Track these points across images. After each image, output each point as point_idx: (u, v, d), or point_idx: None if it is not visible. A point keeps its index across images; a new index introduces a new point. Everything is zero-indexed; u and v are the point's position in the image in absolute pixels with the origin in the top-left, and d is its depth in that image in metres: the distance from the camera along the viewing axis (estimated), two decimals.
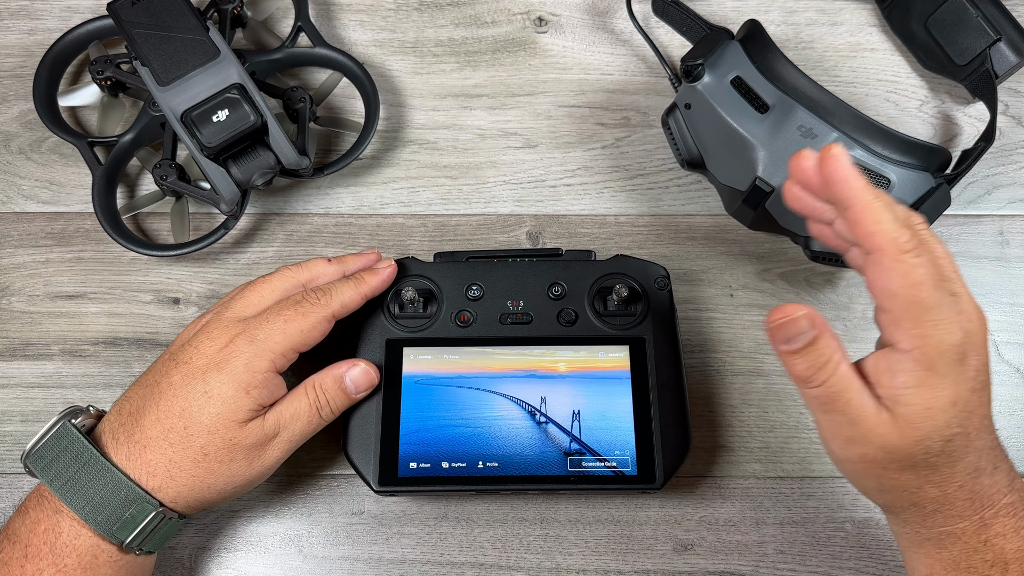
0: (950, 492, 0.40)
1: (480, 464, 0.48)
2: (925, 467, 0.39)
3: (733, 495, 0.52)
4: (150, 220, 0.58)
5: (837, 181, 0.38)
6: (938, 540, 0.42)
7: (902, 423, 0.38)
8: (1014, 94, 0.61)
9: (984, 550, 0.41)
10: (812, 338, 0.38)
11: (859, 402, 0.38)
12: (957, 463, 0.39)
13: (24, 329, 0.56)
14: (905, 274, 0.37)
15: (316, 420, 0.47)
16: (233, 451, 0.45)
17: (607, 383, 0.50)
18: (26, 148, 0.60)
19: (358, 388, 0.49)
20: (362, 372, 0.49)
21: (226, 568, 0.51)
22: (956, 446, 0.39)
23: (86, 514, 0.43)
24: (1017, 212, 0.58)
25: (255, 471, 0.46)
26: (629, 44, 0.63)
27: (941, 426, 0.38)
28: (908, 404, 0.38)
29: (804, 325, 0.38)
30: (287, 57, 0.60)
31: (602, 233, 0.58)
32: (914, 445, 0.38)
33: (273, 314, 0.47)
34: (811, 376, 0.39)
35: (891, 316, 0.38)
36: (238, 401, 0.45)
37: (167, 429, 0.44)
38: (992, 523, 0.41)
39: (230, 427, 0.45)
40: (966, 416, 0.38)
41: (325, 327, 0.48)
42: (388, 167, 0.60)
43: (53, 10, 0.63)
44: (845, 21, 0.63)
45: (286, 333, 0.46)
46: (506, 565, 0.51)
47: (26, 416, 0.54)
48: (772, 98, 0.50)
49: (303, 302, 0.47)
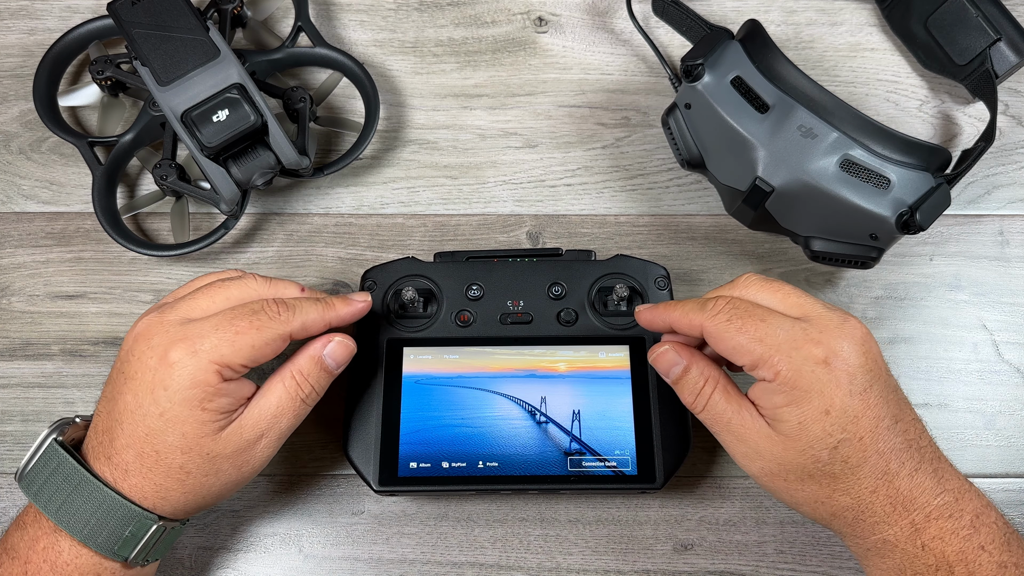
0: (864, 498, 0.41)
1: (480, 464, 0.48)
2: (824, 476, 0.41)
3: (733, 495, 0.52)
4: (150, 220, 0.58)
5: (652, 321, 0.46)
6: (877, 550, 0.42)
7: (783, 437, 0.41)
8: (1014, 94, 0.61)
9: (924, 555, 0.41)
10: (684, 368, 0.44)
11: (741, 421, 0.42)
12: (859, 468, 0.41)
13: (24, 329, 0.56)
14: (732, 333, 0.42)
15: (302, 409, 0.45)
16: (216, 463, 0.43)
17: (607, 383, 0.50)
18: (26, 148, 0.60)
19: (339, 363, 0.46)
20: (339, 345, 0.45)
21: (226, 568, 0.51)
22: (848, 452, 0.40)
23: (84, 537, 0.41)
24: (1017, 212, 0.58)
25: (245, 474, 0.44)
26: (629, 44, 0.63)
27: (820, 435, 0.40)
28: (783, 421, 0.41)
29: (673, 357, 0.44)
30: (287, 57, 0.60)
31: (602, 233, 0.58)
32: (800, 456, 0.41)
33: (224, 322, 0.42)
34: (693, 402, 0.44)
35: (747, 366, 0.42)
36: (196, 418, 0.41)
37: (139, 455, 0.42)
38: (925, 527, 0.41)
39: (203, 443, 0.42)
40: (848, 421, 0.40)
41: (279, 345, 0.44)
42: (388, 167, 0.60)
43: (53, 10, 0.63)
44: (845, 21, 0.63)
45: (235, 346, 0.42)
46: (506, 565, 0.51)
47: (26, 416, 0.54)
48: (772, 98, 0.50)
49: (260, 313, 0.43)
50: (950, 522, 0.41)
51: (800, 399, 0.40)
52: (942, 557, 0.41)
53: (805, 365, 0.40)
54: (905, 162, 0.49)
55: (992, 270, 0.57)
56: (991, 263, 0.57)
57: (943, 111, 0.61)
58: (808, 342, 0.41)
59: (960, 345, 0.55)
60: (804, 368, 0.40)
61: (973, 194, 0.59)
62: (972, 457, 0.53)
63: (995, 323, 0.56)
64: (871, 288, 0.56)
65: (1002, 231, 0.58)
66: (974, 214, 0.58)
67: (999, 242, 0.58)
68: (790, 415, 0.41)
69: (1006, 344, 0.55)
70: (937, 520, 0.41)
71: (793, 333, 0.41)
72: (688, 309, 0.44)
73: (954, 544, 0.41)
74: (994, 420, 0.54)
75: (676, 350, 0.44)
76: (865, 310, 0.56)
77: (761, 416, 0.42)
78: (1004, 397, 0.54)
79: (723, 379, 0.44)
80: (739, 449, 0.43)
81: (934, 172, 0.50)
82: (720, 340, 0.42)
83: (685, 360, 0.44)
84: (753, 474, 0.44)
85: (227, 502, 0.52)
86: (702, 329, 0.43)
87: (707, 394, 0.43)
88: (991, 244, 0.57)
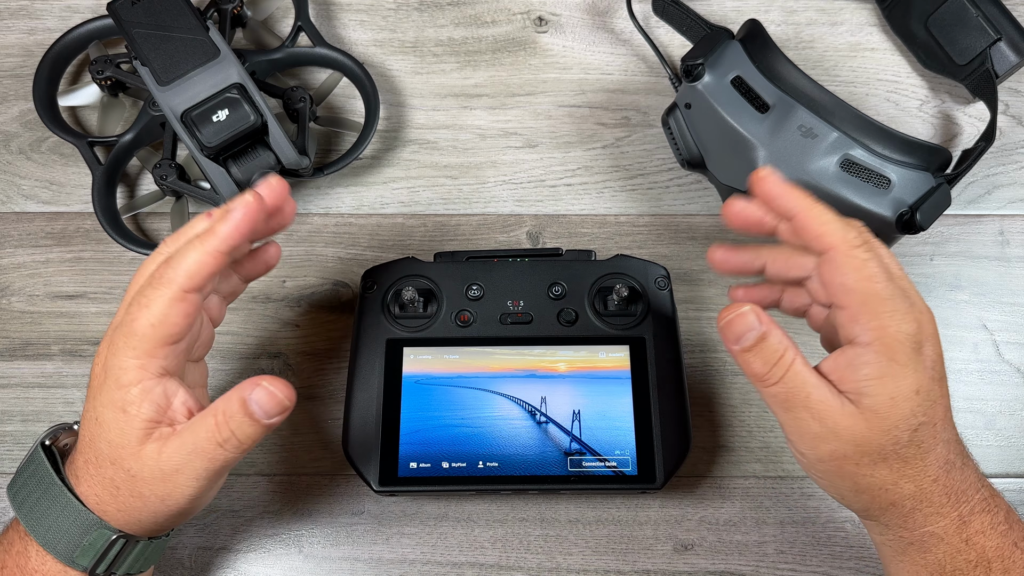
0: (925, 487, 0.40)
1: (480, 464, 0.48)
2: (897, 460, 0.39)
3: (733, 495, 0.52)
4: (150, 220, 0.58)
5: (775, 196, 0.40)
6: (921, 544, 0.42)
7: (868, 414, 0.38)
8: (1014, 94, 0.61)
9: (967, 550, 0.41)
10: (761, 334, 0.39)
11: (820, 396, 0.39)
12: (927, 454, 0.40)
13: (24, 329, 0.56)
14: (859, 268, 0.38)
15: (219, 454, 0.39)
16: (137, 485, 0.39)
17: (607, 383, 0.50)
18: (26, 148, 0.60)
19: (267, 413, 0.38)
20: (265, 392, 0.38)
21: (226, 568, 0.51)
22: (924, 436, 0.39)
23: (45, 542, 0.40)
24: (1017, 212, 0.58)
25: (172, 508, 0.40)
26: (629, 44, 0.63)
27: (907, 415, 0.38)
28: (873, 395, 0.38)
29: (752, 320, 0.39)
30: (287, 57, 0.60)
31: (602, 233, 0.58)
32: (883, 435, 0.38)
33: (123, 313, 0.40)
34: (767, 373, 0.39)
35: (848, 312, 0.38)
36: (119, 424, 0.39)
37: (86, 461, 0.40)
38: (970, 520, 0.41)
39: (124, 456, 0.39)
40: (930, 405, 0.39)
41: (183, 307, 0.38)
42: (388, 167, 0.60)
43: (53, 10, 0.63)
44: (845, 21, 0.63)
45: (137, 333, 0.38)
46: (506, 565, 0.51)
47: (26, 416, 0.54)
48: (772, 98, 0.50)
49: (145, 288, 0.39)
50: (989, 516, 0.41)
51: (896, 373, 0.38)
52: (982, 553, 0.41)
53: (905, 339, 0.38)
54: (905, 162, 0.49)
55: (992, 270, 0.57)
56: (991, 263, 0.57)
57: (943, 111, 0.61)
58: (911, 318, 0.38)
59: (960, 345, 0.55)
60: (904, 341, 0.38)
61: (973, 194, 0.59)
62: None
63: (995, 323, 0.56)
64: None
65: (1002, 231, 0.58)
66: (974, 214, 0.58)
67: (999, 242, 0.58)
68: (882, 389, 0.38)
69: (1006, 344, 0.55)
70: (980, 515, 0.41)
71: (904, 304, 0.38)
72: (828, 220, 0.39)
73: (993, 539, 0.41)
74: (994, 420, 0.54)
75: (756, 312, 0.39)
76: None
77: (839, 393, 0.39)
78: (1004, 397, 0.54)
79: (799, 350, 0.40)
80: (811, 429, 0.39)
81: (934, 172, 0.50)
82: (841, 271, 0.38)
83: (764, 325, 0.39)
84: (819, 458, 0.40)
85: (227, 502, 0.52)
86: (829, 249, 0.39)
87: (787, 363, 0.39)
88: (991, 244, 0.57)
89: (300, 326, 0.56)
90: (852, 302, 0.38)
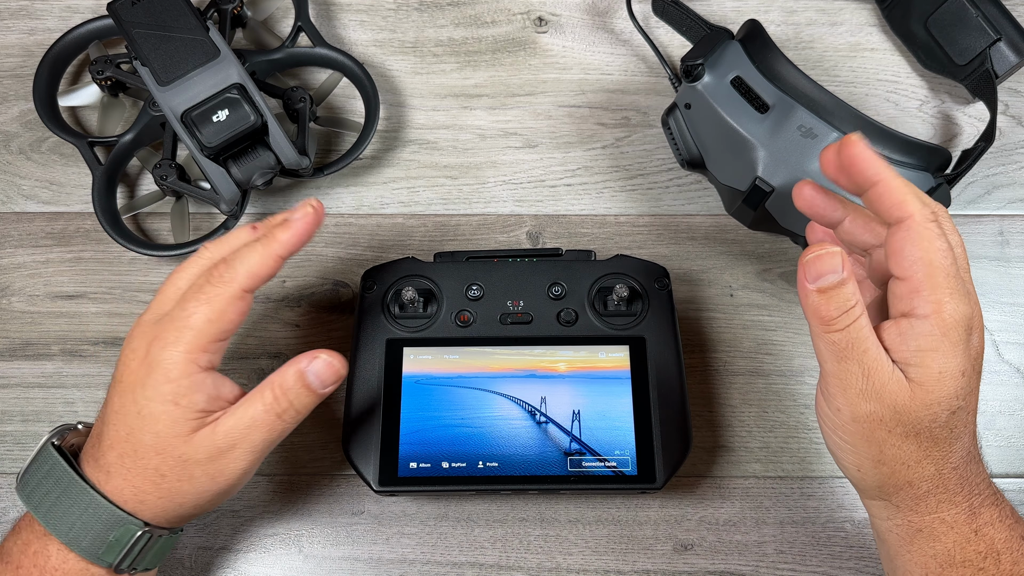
0: (945, 472, 0.41)
1: (480, 464, 0.48)
2: (928, 438, 0.40)
3: (733, 495, 0.52)
4: (150, 220, 0.58)
5: (863, 160, 0.39)
6: (931, 531, 0.42)
7: (914, 385, 0.39)
8: (1014, 94, 0.61)
9: (976, 540, 0.41)
10: (842, 280, 0.39)
11: (876, 354, 0.39)
12: (956, 441, 0.40)
13: (24, 329, 0.56)
14: (931, 240, 0.38)
15: (277, 426, 0.42)
16: (188, 467, 0.41)
17: (607, 383, 0.50)
18: (26, 148, 0.60)
19: (323, 383, 0.43)
20: (324, 364, 0.42)
21: (226, 568, 0.51)
22: (959, 421, 0.40)
23: (69, 540, 0.41)
24: (1017, 212, 0.58)
25: (221, 485, 0.42)
26: (629, 44, 0.63)
27: (951, 394, 0.39)
28: (922, 367, 0.38)
29: (838, 263, 0.39)
30: (287, 57, 0.60)
31: (602, 233, 0.58)
32: (923, 409, 0.39)
33: (178, 308, 0.41)
34: (836, 318, 0.39)
35: (910, 284, 0.39)
36: (170, 415, 0.41)
37: (120, 455, 0.41)
38: (980, 511, 0.41)
39: (175, 444, 0.41)
40: (970, 391, 0.40)
41: (240, 305, 0.41)
42: (388, 167, 0.60)
43: (53, 10, 0.63)
44: (845, 21, 0.63)
45: (193, 328, 0.41)
46: (506, 565, 0.51)
47: (26, 416, 0.54)
48: (772, 98, 0.50)
49: (205, 286, 0.41)
50: (997, 510, 0.42)
51: (947, 351, 0.38)
52: (991, 544, 0.41)
53: (961, 319, 0.38)
54: (905, 162, 0.49)
55: (992, 270, 0.57)
56: (991, 263, 0.57)
57: (943, 111, 0.61)
58: (968, 303, 0.39)
59: None
60: (959, 323, 0.38)
61: (973, 194, 0.59)
62: None
63: (995, 323, 0.56)
64: None
65: (1002, 231, 0.58)
66: (974, 214, 0.58)
67: (999, 242, 0.58)
68: (933, 362, 0.38)
69: (1006, 344, 0.55)
70: (990, 507, 0.42)
71: (962, 288, 0.39)
72: (907, 190, 0.39)
73: (1002, 532, 0.41)
74: (994, 420, 0.54)
75: (843, 258, 0.39)
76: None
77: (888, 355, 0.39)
78: (1004, 397, 0.54)
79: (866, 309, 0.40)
80: (857, 384, 0.39)
81: (934, 172, 0.50)
82: (913, 241, 0.38)
83: (847, 272, 0.39)
84: (854, 416, 0.40)
85: (227, 502, 0.52)
86: (906, 218, 0.39)
87: (856, 314, 0.39)
88: (991, 244, 0.57)
89: (300, 326, 0.56)
90: (917, 273, 0.38)
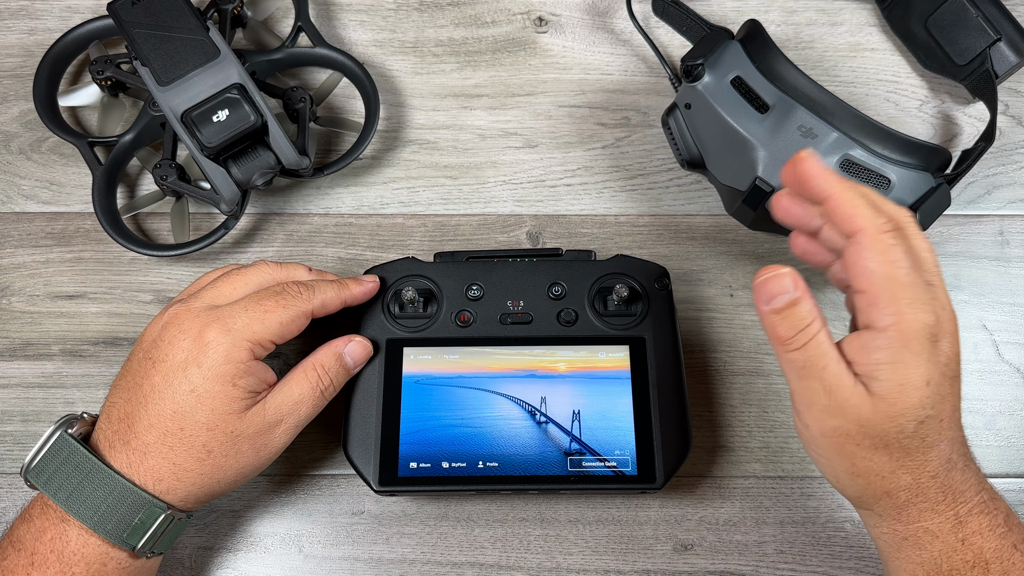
0: (923, 482, 0.40)
1: (480, 464, 0.48)
2: (898, 449, 0.40)
3: (733, 495, 0.52)
4: (150, 220, 0.58)
5: (811, 177, 0.40)
6: (916, 540, 0.42)
7: (876, 398, 0.39)
8: (1014, 94, 0.61)
9: (963, 550, 0.41)
10: (794, 299, 0.39)
11: (836, 371, 0.39)
12: (931, 449, 0.40)
13: (24, 329, 0.56)
14: (883, 252, 0.38)
15: (320, 402, 0.47)
16: (237, 443, 0.44)
17: (607, 383, 0.50)
18: (26, 148, 0.60)
19: (357, 362, 0.49)
20: (359, 345, 0.49)
21: (226, 568, 0.51)
22: (929, 430, 0.39)
23: (94, 523, 0.42)
24: (1017, 212, 0.58)
25: (263, 458, 0.46)
26: (629, 44, 0.63)
27: (915, 405, 0.38)
28: (882, 379, 0.38)
29: (788, 283, 0.39)
30: (287, 57, 0.60)
31: (602, 233, 0.58)
32: (888, 421, 0.39)
33: (252, 303, 0.46)
34: (792, 338, 0.39)
35: (867, 296, 0.39)
36: (227, 394, 0.44)
37: (163, 433, 0.43)
38: (967, 520, 0.41)
39: (228, 420, 0.44)
40: (939, 399, 0.39)
41: (303, 322, 0.47)
42: (388, 167, 0.60)
43: (53, 10, 0.63)
44: (845, 21, 0.63)
45: (265, 323, 0.45)
46: (506, 565, 0.51)
47: (26, 416, 0.54)
48: (772, 98, 0.50)
49: (284, 293, 0.46)
50: (987, 519, 0.41)
51: (908, 362, 0.38)
52: (980, 554, 0.41)
53: (922, 328, 0.38)
54: (905, 162, 0.49)
55: (992, 270, 0.57)
56: (991, 263, 0.57)
57: (943, 111, 0.61)
58: (930, 311, 0.39)
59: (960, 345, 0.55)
60: (920, 332, 0.38)
61: (973, 194, 0.59)
62: None
63: (995, 323, 0.56)
64: None
65: (1002, 231, 0.58)
66: (974, 214, 0.58)
67: (999, 242, 0.58)
68: (892, 375, 0.38)
69: (1006, 344, 0.55)
70: (978, 516, 0.41)
71: (928, 296, 0.39)
72: (860, 204, 0.39)
73: (992, 541, 0.41)
74: (994, 420, 0.54)
75: (793, 276, 0.39)
76: None
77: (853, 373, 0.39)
78: (1004, 397, 0.54)
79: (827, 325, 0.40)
80: (820, 400, 0.40)
81: (934, 172, 0.50)
82: (867, 255, 0.39)
83: (800, 290, 0.39)
84: (822, 432, 0.40)
85: (227, 502, 0.52)
86: (857, 232, 0.39)
87: (813, 332, 0.39)
88: (991, 244, 0.57)
89: None
90: (872, 286, 0.39)
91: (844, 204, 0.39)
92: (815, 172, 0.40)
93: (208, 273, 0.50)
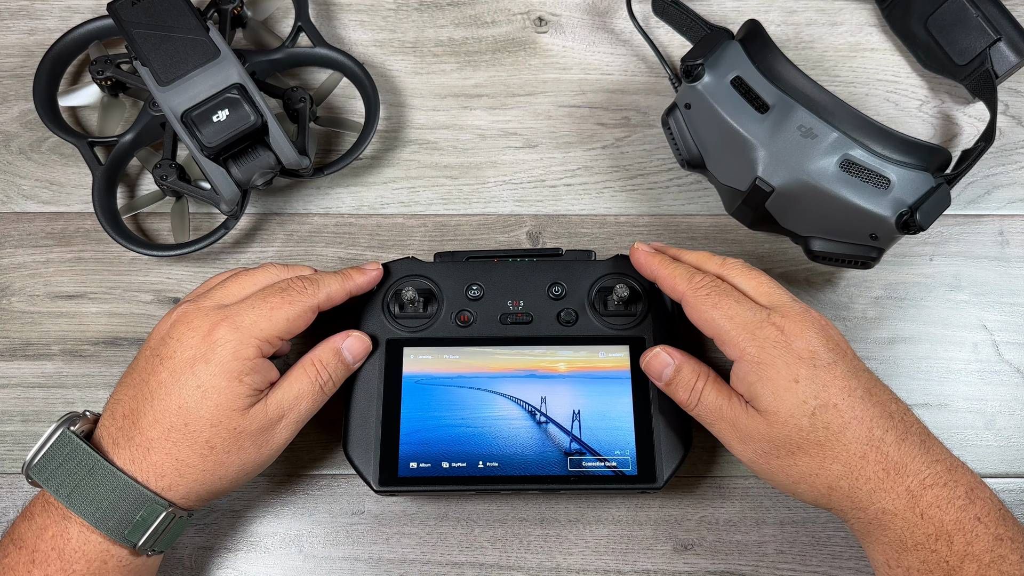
0: (854, 464, 0.43)
1: (480, 464, 0.48)
2: (811, 445, 0.43)
3: (733, 495, 0.52)
4: (150, 220, 0.58)
5: (641, 265, 0.50)
6: (879, 522, 0.43)
7: (765, 413, 0.44)
8: (1014, 94, 0.61)
9: (923, 524, 0.42)
10: (676, 368, 0.47)
11: (730, 408, 0.45)
12: (841, 433, 0.43)
13: (24, 329, 0.56)
14: (707, 309, 0.46)
15: (320, 397, 0.48)
16: (240, 439, 0.45)
17: (607, 383, 0.50)
18: (26, 148, 0.60)
19: (356, 357, 0.49)
20: (357, 340, 0.49)
21: (226, 568, 0.51)
22: (828, 417, 0.43)
23: (96, 520, 0.42)
24: (1017, 212, 0.58)
25: (265, 455, 0.46)
26: (629, 44, 0.63)
27: (796, 403, 0.43)
28: (759, 397, 0.44)
29: (665, 358, 0.47)
30: (287, 57, 0.60)
31: (602, 233, 0.58)
32: (783, 427, 0.43)
33: (258, 300, 0.46)
34: (687, 398, 0.46)
35: (717, 340, 0.46)
36: (233, 390, 0.44)
37: (167, 428, 0.44)
38: (921, 494, 0.42)
39: (232, 416, 0.44)
40: (819, 388, 0.43)
41: (310, 316, 0.48)
42: (388, 167, 0.60)
43: (53, 10, 0.63)
44: (845, 21, 0.63)
45: (272, 320, 0.46)
46: (506, 565, 0.51)
47: (26, 416, 0.54)
48: (772, 98, 0.50)
49: (289, 290, 0.47)
50: (945, 490, 0.42)
51: (768, 373, 0.43)
52: (940, 526, 0.42)
53: (767, 343, 0.44)
54: (905, 162, 0.49)
55: (992, 270, 0.57)
56: (991, 263, 0.57)
57: (943, 111, 0.61)
58: (770, 325, 0.44)
59: (960, 345, 0.55)
60: (767, 346, 0.44)
61: (973, 194, 0.59)
62: (972, 457, 0.53)
63: (995, 323, 0.56)
64: (871, 288, 0.57)
65: (1002, 231, 0.58)
66: (974, 214, 0.58)
67: (999, 242, 0.58)
68: (763, 390, 0.43)
69: (1006, 344, 0.55)
70: (932, 488, 0.42)
71: (759, 316, 0.45)
72: (677, 275, 0.48)
73: (951, 513, 0.42)
74: (994, 420, 0.54)
75: (667, 351, 0.47)
76: (865, 310, 0.56)
77: (744, 402, 0.45)
78: (1004, 397, 0.54)
79: (712, 373, 0.47)
80: (733, 435, 0.45)
81: (934, 172, 0.50)
82: (695, 310, 0.46)
83: (677, 360, 0.47)
84: (749, 459, 0.45)
85: (227, 502, 0.52)
86: (682, 296, 0.47)
87: (699, 388, 0.46)
88: (991, 244, 0.57)
89: None
90: (714, 331, 0.46)
91: (666, 279, 0.48)
92: (643, 260, 0.50)
93: (217, 275, 0.51)
